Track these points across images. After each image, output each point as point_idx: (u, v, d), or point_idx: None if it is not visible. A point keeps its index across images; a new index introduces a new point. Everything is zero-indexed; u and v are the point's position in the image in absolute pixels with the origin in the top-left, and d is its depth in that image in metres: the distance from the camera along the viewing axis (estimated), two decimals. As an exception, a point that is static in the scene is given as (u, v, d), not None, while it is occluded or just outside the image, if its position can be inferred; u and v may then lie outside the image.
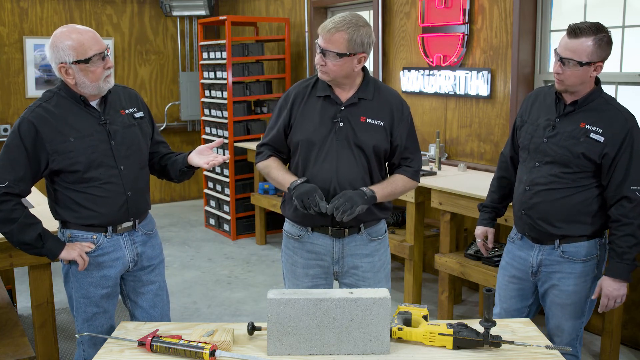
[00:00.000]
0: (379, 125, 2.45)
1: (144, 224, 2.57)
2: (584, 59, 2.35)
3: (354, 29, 2.32)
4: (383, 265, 2.59)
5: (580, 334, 2.59)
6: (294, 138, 2.49)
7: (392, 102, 2.50)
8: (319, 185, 2.41)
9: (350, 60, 2.36)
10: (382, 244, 2.58)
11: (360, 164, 2.44)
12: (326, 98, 2.46)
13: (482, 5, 4.37)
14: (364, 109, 2.45)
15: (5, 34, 6.73)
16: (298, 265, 2.57)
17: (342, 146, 2.43)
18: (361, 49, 2.36)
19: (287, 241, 2.61)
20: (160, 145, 2.67)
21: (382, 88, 2.53)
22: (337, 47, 2.33)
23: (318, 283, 2.57)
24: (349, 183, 2.42)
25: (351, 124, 2.43)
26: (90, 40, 2.31)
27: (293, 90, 2.54)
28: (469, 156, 4.59)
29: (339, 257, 2.52)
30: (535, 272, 2.57)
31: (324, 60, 2.37)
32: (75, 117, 2.37)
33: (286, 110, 2.51)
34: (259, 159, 2.58)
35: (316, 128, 2.44)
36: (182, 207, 7.66)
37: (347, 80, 2.44)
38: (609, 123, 2.41)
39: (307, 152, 2.46)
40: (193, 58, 7.76)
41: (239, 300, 4.65)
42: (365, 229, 2.51)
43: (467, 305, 4.54)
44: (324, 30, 2.35)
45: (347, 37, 2.32)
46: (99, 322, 2.48)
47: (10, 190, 2.30)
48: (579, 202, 2.46)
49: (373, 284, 2.53)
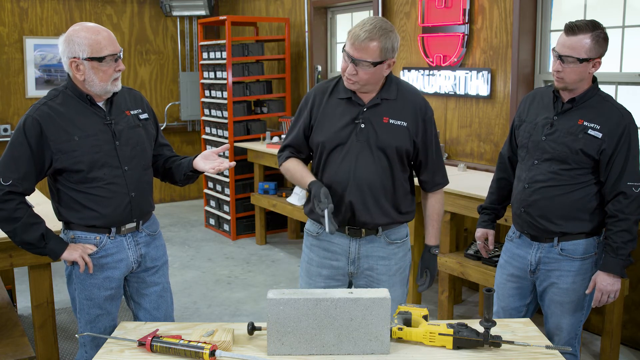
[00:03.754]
0: (402, 126, 2.41)
1: (148, 224, 2.56)
2: (583, 55, 2.37)
3: (385, 36, 2.27)
4: (400, 269, 2.54)
5: (579, 333, 2.60)
6: (314, 139, 2.47)
7: (416, 102, 2.45)
8: (335, 186, 2.40)
9: (381, 67, 2.32)
10: (402, 247, 2.54)
11: (379, 166, 2.40)
12: (348, 100, 2.43)
13: (482, 5, 4.37)
14: (387, 109, 2.42)
15: (5, 34, 6.73)
16: (313, 264, 2.55)
17: (362, 147, 2.40)
18: (392, 54, 2.32)
19: (306, 239, 2.60)
20: (165, 147, 2.67)
21: (405, 87, 2.49)
22: (370, 56, 2.27)
23: (330, 284, 2.53)
24: (366, 184, 2.40)
25: (373, 126, 2.40)
26: (107, 40, 2.31)
27: (313, 91, 2.51)
28: (469, 156, 4.59)
29: (355, 257, 2.49)
30: (534, 270, 2.58)
31: (356, 70, 2.31)
32: (80, 116, 2.36)
33: (306, 111, 2.49)
34: (280, 161, 2.57)
35: (337, 129, 2.42)
36: (182, 207, 7.66)
37: (376, 87, 2.40)
38: (606, 119, 2.43)
39: (327, 153, 2.44)
40: (193, 58, 7.76)
41: (239, 300, 4.65)
42: (384, 231, 2.48)
43: (467, 305, 4.54)
44: (357, 40, 2.26)
45: (381, 46, 2.26)
46: (101, 324, 2.47)
47: (14, 188, 2.29)
48: (578, 199, 2.47)
49: (387, 288, 2.46)
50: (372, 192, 2.41)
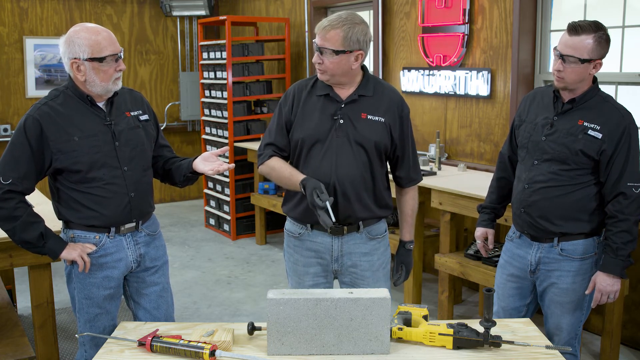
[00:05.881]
0: (379, 121, 2.46)
1: (148, 224, 2.56)
2: (585, 55, 2.37)
3: (349, 26, 2.34)
4: (382, 264, 2.59)
5: (579, 333, 2.60)
6: (294, 136, 2.49)
7: (393, 98, 2.51)
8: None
9: (347, 58, 2.37)
10: (382, 243, 2.58)
11: (359, 161, 2.44)
12: (326, 96, 2.47)
13: (482, 5, 4.37)
14: (365, 105, 2.46)
15: (5, 34, 6.73)
16: (299, 264, 2.57)
17: (342, 143, 2.43)
18: (357, 46, 2.37)
19: (288, 240, 2.62)
20: (165, 149, 2.67)
21: (383, 85, 2.54)
22: (332, 44, 2.35)
23: (318, 282, 2.57)
24: (348, 180, 2.43)
25: (352, 121, 2.44)
26: (107, 40, 2.32)
27: (292, 89, 2.55)
28: (469, 156, 4.59)
29: (338, 255, 2.52)
30: (534, 270, 2.58)
31: (321, 58, 2.38)
32: (80, 116, 2.37)
33: (287, 108, 2.52)
34: (261, 160, 2.56)
35: (316, 126, 2.45)
36: (182, 207, 7.66)
37: (346, 79, 2.44)
38: (607, 120, 2.42)
39: (307, 149, 2.47)
40: (193, 58, 7.76)
41: (239, 300, 4.65)
42: (365, 228, 2.51)
43: (467, 305, 4.54)
44: (319, 29, 2.38)
45: (343, 35, 2.34)
46: (101, 323, 2.47)
47: (13, 187, 2.30)
48: (578, 200, 2.47)
49: (372, 283, 2.53)
50: (354, 186, 2.44)
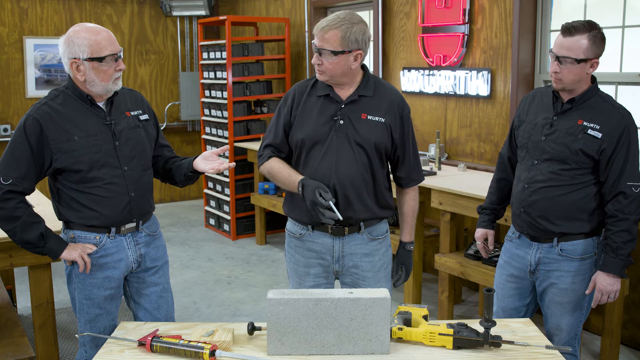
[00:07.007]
0: (380, 122, 2.45)
1: (148, 225, 2.56)
2: (580, 55, 2.37)
3: (347, 26, 2.33)
4: (384, 265, 2.58)
5: (578, 333, 2.60)
6: (294, 137, 2.49)
7: (394, 99, 2.50)
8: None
9: (346, 58, 2.36)
10: (383, 244, 2.58)
11: (360, 162, 2.43)
12: (326, 97, 2.46)
13: (482, 5, 4.37)
14: (365, 105, 2.45)
15: (5, 34, 6.73)
16: (300, 265, 2.57)
17: (341, 143, 2.43)
18: (356, 45, 2.36)
19: (289, 240, 2.62)
20: (165, 149, 2.67)
21: (383, 85, 2.53)
22: (331, 45, 2.34)
23: (319, 282, 2.57)
24: (348, 180, 2.42)
25: (352, 122, 2.43)
26: (106, 40, 2.32)
27: (292, 90, 2.55)
28: (469, 156, 4.59)
29: (339, 255, 2.52)
30: (534, 270, 2.58)
31: (320, 59, 2.37)
32: (80, 116, 2.37)
33: (286, 109, 2.52)
34: (260, 161, 2.57)
35: (316, 126, 2.45)
36: (182, 207, 7.66)
37: (346, 79, 2.44)
38: (606, 119, 2.43)
39: (307, 150, 2.47)
40: (193, 58, 7.76)
41: (239, 300, 4.65)
42: (366, 228, 2.51)
43: (467, 305, 4.54)
44: (318, 29, 2.36)
45: (341, 35, 2.32)
46: (101, 324, 2.47)
47: (14, 187, 2.30)
48: (578, 200, 2.47)
49: (373, 284, 2.53)
50: (354, 187, 2.43)
